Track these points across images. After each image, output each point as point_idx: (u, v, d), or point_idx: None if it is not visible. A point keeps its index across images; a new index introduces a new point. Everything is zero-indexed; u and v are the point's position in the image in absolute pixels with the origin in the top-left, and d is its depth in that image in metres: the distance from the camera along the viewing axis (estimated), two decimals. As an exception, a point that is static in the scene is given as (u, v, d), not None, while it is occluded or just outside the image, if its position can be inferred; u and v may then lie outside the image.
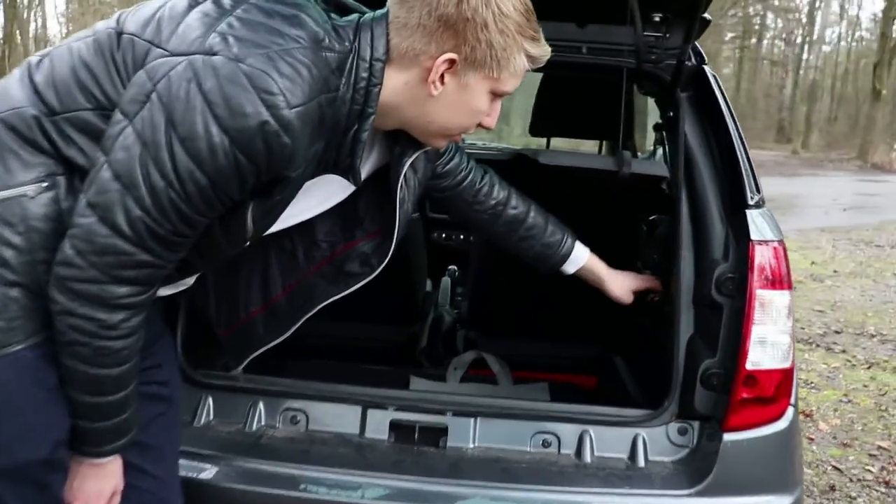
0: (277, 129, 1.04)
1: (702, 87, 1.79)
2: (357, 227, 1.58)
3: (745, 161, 1.69)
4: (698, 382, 1.66)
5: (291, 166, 1.12)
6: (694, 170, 1.77)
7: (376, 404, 1.72)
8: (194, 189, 1.05)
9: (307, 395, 1.76)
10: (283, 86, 1.04)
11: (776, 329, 1.61)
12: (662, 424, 1.70)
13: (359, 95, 1.18)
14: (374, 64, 1.18)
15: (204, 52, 1.04)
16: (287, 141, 1.06)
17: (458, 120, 1.26)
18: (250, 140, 1.03)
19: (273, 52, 1.05)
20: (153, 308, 1.27)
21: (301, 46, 1.09)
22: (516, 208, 1.76)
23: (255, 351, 1.68)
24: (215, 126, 1.02)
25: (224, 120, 1.02)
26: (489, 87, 1.22)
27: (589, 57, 1.83)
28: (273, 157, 1.07)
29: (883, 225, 10.86)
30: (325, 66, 1.12)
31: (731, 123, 1.73)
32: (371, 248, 1.59)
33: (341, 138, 1.22)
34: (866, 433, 3.72)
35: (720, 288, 1.66)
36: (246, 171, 1.07)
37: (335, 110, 1.17)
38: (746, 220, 1.63)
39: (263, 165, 1.07)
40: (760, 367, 1.61)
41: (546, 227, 1.78)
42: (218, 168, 1.04)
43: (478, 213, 1.75)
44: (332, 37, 1.15)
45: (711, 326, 1.68)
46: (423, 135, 1.32)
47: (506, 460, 1.65)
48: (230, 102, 1.02)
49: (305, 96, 1.07)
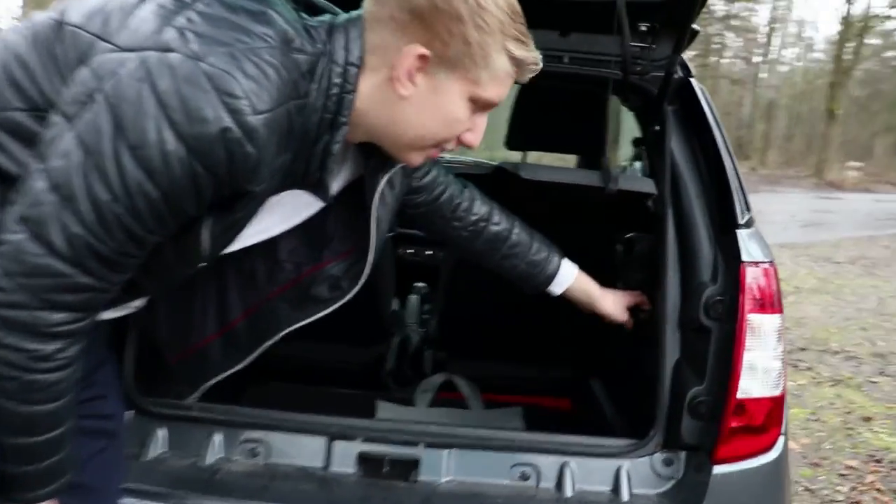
0: (241, 136, 0.92)
1: (689, 100, 1.71)
2: (325, 246, 1.45)
3: (735, 178, 1.61)
4: (685, 411, 1.57)
5: (255, 180, 1.00)
6: (680, 187, 1.68)
7: (343, 435, 1.60)
8: (144, 203, 0.93)
9: (267, 424, 1.62)
10: (248, 88, 0.92)
11: (767, 355, 1.53)
12: (647, 455, 1.60)
13: (331, 103, 1.06)
14: (347, 69, 1.06)
15: (159, 49, 0.92)
16: (251, 150, 0.94)
17: (431, 128, 1.12)
18: (210, 149, 0.92)
19: (237, 50, 0.94)
20: (95, 332, 1.14)
21: (269, 46, 0.97)
22: (499, 224, 1.65)
23: (210, 379, 1.55)
24: (170, 132, 0.90)
25: (180, 125, 0.90)
26: (467, 91, 1.09)
27: (571, 67, 1.74)
28: (235, 168, 0.95)
29: (840, 242, 11.03)
30: (294, 69, 1.00)
31: (719, 139, 1.65)
32: (341, 271, 1.45)
33: (310, 150, 1.10)
34: (835, 452, 3.69)
35: (709, 311, 1.57)
36: (204, 184, 0.95)
37: (304, 119, 1.05)
38: (737, 241, 1.55)
39: (224, 178, 0.96)
40: (751, 395, 1.53)
41: (531, 244, 1.68)
42: (172, 180, 0.92)
43: (457, 229, 1.64)
44: (303, 37, 1.03)
45: (699, 351, 1.60)
46: (396, 147, 1.17)
47: (482, 495, 1.54)
48: (188, 106, 0.90)
49: (273, 101, 0.95)
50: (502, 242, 1.66)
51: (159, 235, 0.99)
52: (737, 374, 1.51)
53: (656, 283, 1.73)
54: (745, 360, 1.51)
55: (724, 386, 1.52)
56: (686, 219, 1.66)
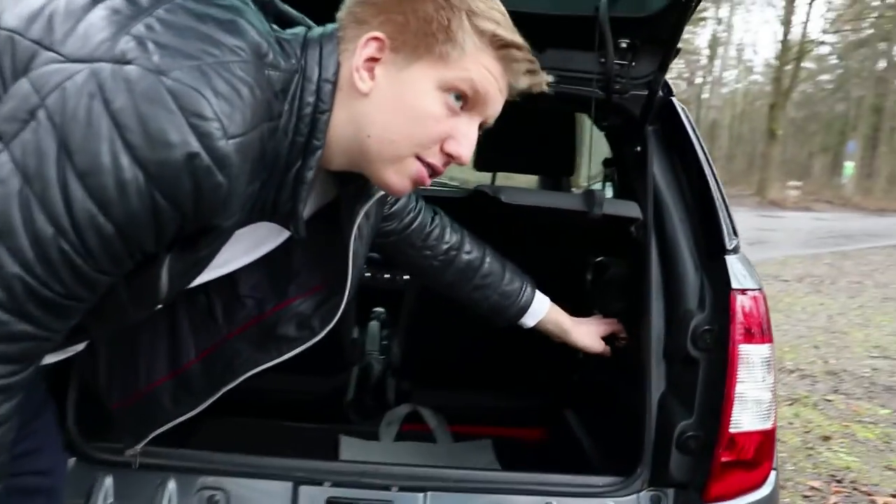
0: (210, 164, 0.81)
1: (670, 120, 1.64)
2: (291, 281, 1.30)
3: (721, 201, 1.55)
4: (674, 446, 1.49)
5: (225, 213, 0.88)
6: (663, 211, 1.61)
7: (309, 479, 1.47)
8: (95, 239, 0.80)
9: (226, 469, 1.49)
10: (220, 109, 0.81)
11: (759, 386, 1.47)
12: (634, 493, 1.52)
13: (303, 125, 0.94)
14: (322, 86, 0.94)
15: (113, 60, 0.79)
16: (222, 180, 0.82)
17: (400, 128, 0.96)
18: (174, 178, 0.79)
19: (206, 64, 0.82)
20: (34, 377, 1.00)
21: (241, 60, 0.85)
22: (470, 253, 1.55)
23: (158, 428, 1.36)
24: (127, 157, 0.77)
25: (139, 150, 0.77)
26: (434, 77, 0.95)
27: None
28: (203, 200, 0.83)
29: (787, 260, 11.24)
30: (268, 88, 0.88)
31: (703, 160, 1.59)
32: (310, 308, 1.30)
33: (281, 178, 0.97)
34: (798, 473, 3.67)
35: (696, 341, 1.50)
36: (166, 218, 0.82)
37: (276, 143, 0.92)
38: (725, 267, 1.49)
39: (189, 211, 0.83)
40: (743, 429, 1.46)
41: (503, 274, 1.58)
42: (129, 213, 0.80)
43: (428, 259, 1.53)
44: (276, 51, 0.91)
45: (686, 383, 1.52)
46: (372, 166, 1.01)
47: None
48: (148, 127, 0.77)
49: (246, 124, 0.84)
50: (474, 272, 1.56)
51: (112, 276, 0.86)
52: (729, 407, 1.44)
53: (639, 311, 1.65)
54: (738, 392, 1.44)
55: (716, 419, 1.45)
56: (670, 244, 1.59)
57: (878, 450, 4.02)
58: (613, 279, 2.05)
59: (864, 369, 5.52)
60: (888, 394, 4.99)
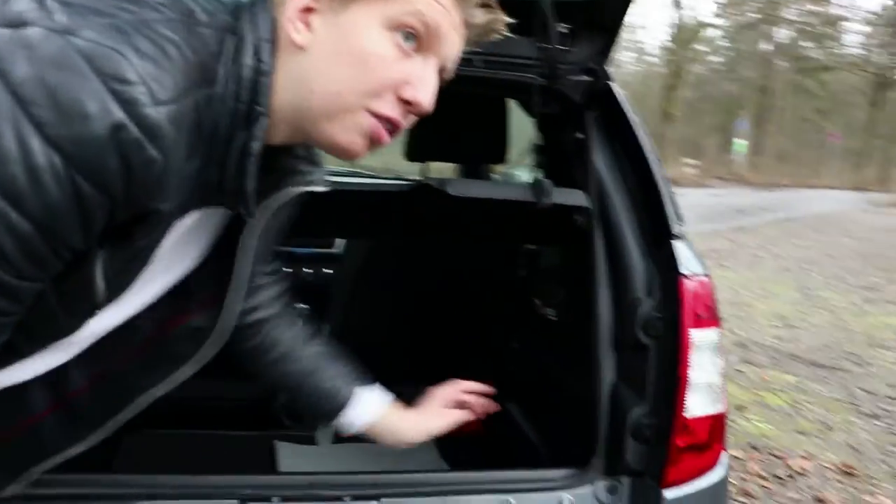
0: (139, 136, 0.68)
1: (611, 105, 1.62)
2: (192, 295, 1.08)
3: (665, 187, 1.54)
4: (628, 434, 1.48)
5: (161, 194, 0.75)
6: (606, 198, 1.59)
7: (256, 497, 1.39)
8: (11, 242, 0.68)
9: (160, 493, 1.38)
10: (145, 71, 0.68)
11: (710, 370, 1.47)
12: (589, 484, 1.50)
13: (243, 91, 0.80)
14: (260, 46, 0.81)
15: (7, 24, 0.68)
16: (154, 155, 0.70)
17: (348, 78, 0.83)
18: (97, 156, 0.67)
19: (123, 21, 0.70)
20: None
21: (164, 18, 0.74)
22: (299, 362, 1.33)
23: (41, 463, 1.11)
24: (37, 138, 0.65)
25: (51, 127, 0.65)
26: (377, 15, 0.83)
27: (486, 71, 1.61)
28: (134, 180, 0.71)
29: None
30: (201, 48, 0.76)
31: (646, 146, 1.57)
32: (209, 321, 1.08)
33: (224, 152, 0.83)
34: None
35: (647, 328, 1.49)
36: (92, 206, 0.70)
37: (214, 113, 0.79)
38: (673, 253, 1.48)
39: (119, 194, 0.71)
40: (696, 414, 1.46)
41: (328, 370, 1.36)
42: (47, 205, 0.67)
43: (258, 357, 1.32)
44: (204, 9, 0.80)
45: (637, 371, 1.51)
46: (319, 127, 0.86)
47: None
48: (59, 98, 0.65)
49: (178, 89, 0.72)
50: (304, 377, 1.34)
51: (38, 282, 0.75)
52: (682, 392, 1.43)
53: (584, 300, 1.63)
54: (691, 377, 1.44)
55: (670, 406, 1.44)
56: (614, 231, 1.58)
57: (788, 415, 4.20)
58: (549, 269, 2.04)
59: (769, 338, 5.78)
60: (793, 361, 5.23)
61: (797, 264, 9.53)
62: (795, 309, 6.91)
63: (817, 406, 4.37)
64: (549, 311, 1.86)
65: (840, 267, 9.60)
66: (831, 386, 4.75)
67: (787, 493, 3.24)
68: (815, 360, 5.29)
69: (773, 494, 3.21)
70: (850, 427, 4.08)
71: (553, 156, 1.88)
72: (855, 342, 5.86)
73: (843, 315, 6.79)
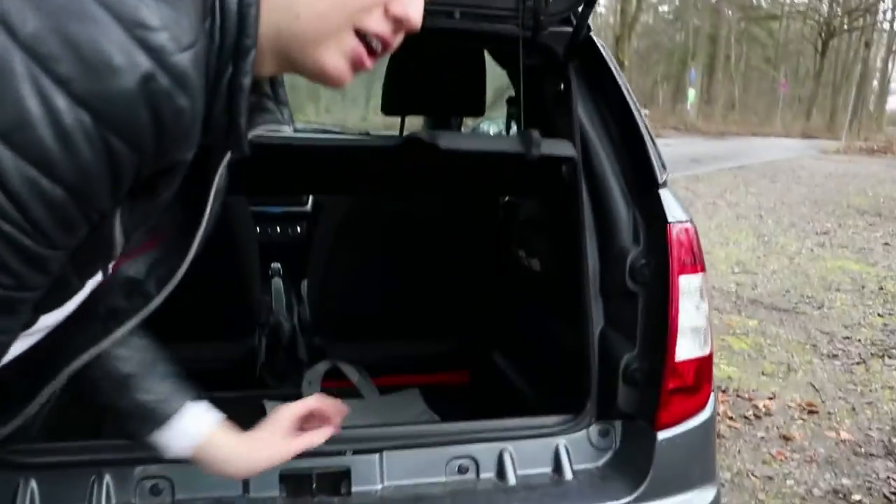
0: (170, 85, 0.64)
1: (591, 56, 1.63)
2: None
3: (649, 136, 1.56)
4: (620, 379, 1.52)
5: (189, 144, 0.72)
6: (590, 149, 1.61)
7: None
8: (42, 211, 0.63)
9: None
10: (165, 15, 0.64)
11: (697, 314, 1.51)
12: (583, 429, 1.55)
13: (230, 24, 0.76)
14: None
15: None
16: (184, 104, 0.66)
17: None
18: (128, 110, 0.63)
19: None
20: None
21: None
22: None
23: None
24: (62, 96, 0.60)
25: (76, 83, 0.60)
26: None
27: (464, 23, 1.60)
28: (164, 134, 0.67)
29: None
30: None
31: (627, 96, 1.59)
32: (141, 271, 0.99)
33: (212, 90, 0.78)
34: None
35: (635, 275, 1.53)
36: (123, 164, 0.66)
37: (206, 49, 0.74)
38: (660, 201, 1.51)
39: (150, 150, 0.67)
40: (685, 357, 1.50)
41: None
42: (80, 168, 0.63)
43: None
44: None
45: (626, 318, 1.55)
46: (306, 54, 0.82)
47: (426, 497, 1.42)
48: (81, 51, 0.60)
49: (194, 30, 0.68)
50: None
51: (67, 250, 0.71)
52: (673, 337, 1.47)
53: (569, 250, 1.66)
54: (681, 322, 1.48)
55: (660, 350, 1.48)
56: (599, 181, 1.60)
57: (752, 358, 4.34)
58: (532, 220, 2.06)
59: (730, 285, 5.93)
60: (753, 306, 5.39)
61: (752, 212, 9.74)
62: (754, 255, 7.09)
63: (779, 348, 4.52)
64: (534, 261, 1.89)
65: (793, 214, 9.83)
66: (791, 329, 4.91)
67: (754, 431, 3.36)
68: (775, 304, 5.45)
69: (742, 434, 3.33)
70: (811, 367, 4.23)
71: (530, 108, 1.89)
72: (812, 286, 6.04)
73: (798, 260, 6.99)
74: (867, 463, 3.11)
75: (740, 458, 3.11)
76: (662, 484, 1.47)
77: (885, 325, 5.09)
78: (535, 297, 1.95)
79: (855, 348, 4.58)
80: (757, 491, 2.85)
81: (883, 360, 4.40)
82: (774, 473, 2.98)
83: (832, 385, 3.98)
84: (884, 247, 7.80)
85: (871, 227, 9.05)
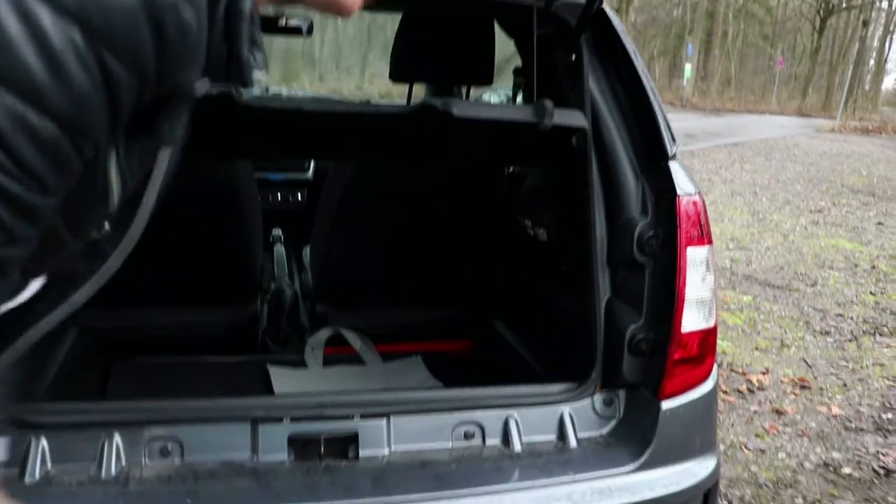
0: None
1: (604, 28, 1.62)
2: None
3: (659, 109, 1.56)
4: (626, 349, 1.54)
5: (192, 65, 0.61)
6: (600, 120, 1.61)
7: (268, 417, 1.41)
8: (35, 152, 0.52)
9: (177, 417, 1.40)
10: None
11: (703, 286, 1.52)
12: (587, 397, 1.56)
13: None
14: None
15: None
16: (190, 20, 0.57)
17: None
18: (127, 25, 0.53)
19: None
20: None
21: None
22: None
23: None
24: (48, 11, 0.49)
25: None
26: None
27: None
28: (167, 54, 0.57)
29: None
30: None
31: (639, 68, 1.58)
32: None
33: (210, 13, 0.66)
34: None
35: (642, 247, 1.53)
36: (122, 90, 0.55)
37: None
38: (670, 173, 1.51)
39: (152, 74, 0.56)
40: (691, 329, 1.52)
41: None
42: (74, 97, 0.52)
43: None
44: None
45: (633, 288, 1.56)
46: None
47: (432, 462, 1.43)
48: None
49: None
50: None
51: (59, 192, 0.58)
52: (680, 308, 1.49)
53: (575, 220, 1.67)
54: (687, 293, 1.49)
55: (666, 321, 1.50)
56: (608, 152, 1.60)
57: (745, 333, 4.38)
58: (538, 190, 2.06)
59: (725, 261, 5.96)
60: (747, 282, 5.42)
61: (747, 188, 9.76)
62: (748, 232, 7.11)
63: (772, 324, 4.55)
64: (540, 231, 1.89)
65: (788, 191, 9.86)
66: (785, 305, 4.95)
67: (748, 405, 3.40)
68: (769, 280, 5.48)
69: (736, 408, 3.37)
70: (804, 343, 4.27)
71: (540, 79, 1.88)
72: (805, 263, 6.08)
73: (792, 237, 7.02)
74: (857, 437, 3.15)
75: (733, 431, 3.15)
76: (665, 453, 1.49)
77: (877, 303, 5.13)
78: (541, 266, 1.96)
79: (847, 325, 4.62)
80: (749, 463, 2.89)
81: (874, 337, 4.45)
82: (767, 446, 3.02)
83: (824, 361, 4.02)
84: (877, 226, 7.84)
85: (865, 206, 9.09)
